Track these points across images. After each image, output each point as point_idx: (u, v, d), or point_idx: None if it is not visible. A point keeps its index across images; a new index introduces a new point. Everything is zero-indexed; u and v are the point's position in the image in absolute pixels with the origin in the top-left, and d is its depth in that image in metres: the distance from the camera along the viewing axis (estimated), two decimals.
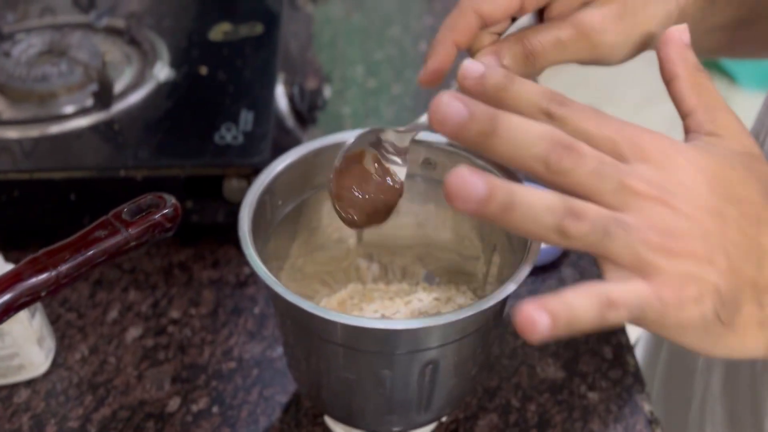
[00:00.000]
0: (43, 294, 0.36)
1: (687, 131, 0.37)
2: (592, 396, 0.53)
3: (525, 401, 0.53)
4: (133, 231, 0.39)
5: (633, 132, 0.34)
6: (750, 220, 0.34)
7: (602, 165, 0.32)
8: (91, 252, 0.37)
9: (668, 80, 0.38)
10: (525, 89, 0.34)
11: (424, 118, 0.43)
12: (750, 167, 0.35)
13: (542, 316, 0.30)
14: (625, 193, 0.32)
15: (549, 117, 0.33)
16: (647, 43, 0.45)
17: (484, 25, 0.43)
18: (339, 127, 0.77)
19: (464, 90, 0.35)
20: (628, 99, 2.30)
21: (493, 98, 0.34)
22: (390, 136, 0.44)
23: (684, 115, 0.37)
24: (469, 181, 0.30)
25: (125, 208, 0.39)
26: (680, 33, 0.39)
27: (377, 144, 0.44)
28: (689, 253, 0.32)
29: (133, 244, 0.38)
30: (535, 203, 0.31)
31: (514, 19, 0.45)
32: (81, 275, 0.37)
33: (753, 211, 0.34)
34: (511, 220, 0.31)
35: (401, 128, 0.44)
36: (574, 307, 0.30)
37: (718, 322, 0.32)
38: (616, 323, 0.31)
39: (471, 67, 0.35)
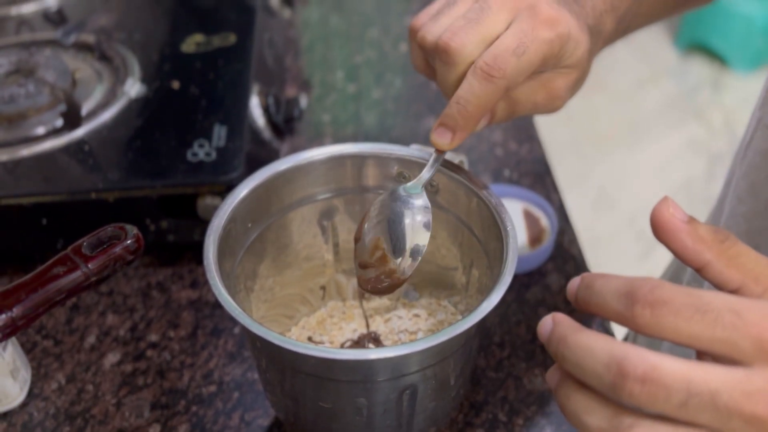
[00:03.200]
0: None
1: None
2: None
3: (512, 415, 0.52)
4: (93, 266, 0.37)
5: (754, 323, 0.27)
6: None
7: (693, 397, 0.26)
8: (48, 291, 0.36)
9: (700, 269, 0.33)
10: (606, 290, 0.30)
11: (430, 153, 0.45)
12: None
13: None
14: (730, 420, 0.26)
15: (635, 321, 0.29)
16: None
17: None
18: (319, 135, 0.75)
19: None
20: (620, 85, 2.29)
21: (581, 307, 0.31)
22: (401, 192, 0.45)
23: (733, 291, 0.32)
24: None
25: (84, 242, 0.38)
26: (673, 214, 0.33)
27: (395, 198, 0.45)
28: None
29: (93, 279, 0.37)
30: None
31: None
32: (40, 315, 0.36)
33: None
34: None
35: (410, 183, 0.45)
36: None
37: None
38: None
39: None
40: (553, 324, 0.30)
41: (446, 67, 0.43)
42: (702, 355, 0.29)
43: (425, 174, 0.44)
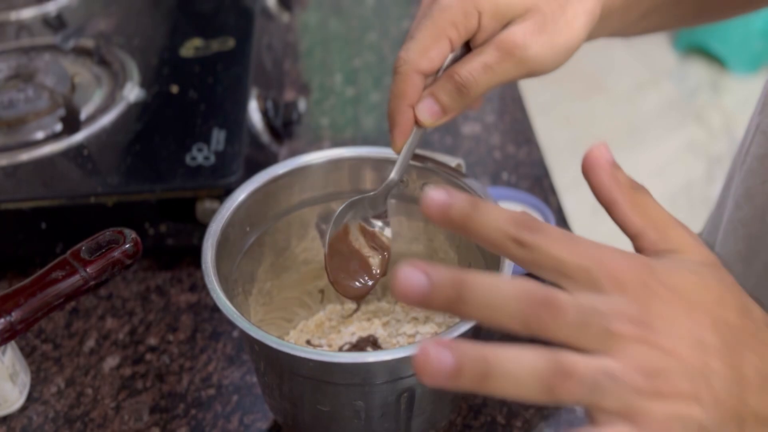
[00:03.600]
0: None
1: (640, 251, 0.36)
2: (579, 410, 0.52)
3: (511, 417, 0.52)
4: (91, 270, 0.38)
5: (609, 259, 0.32)
6: (730, 346, 0.32)
7: (582, 315, 0.30)
8: (47, 295, 0.36)
9: (607, 206, 0.37)
10: (492, 217, 0.32)
11: (393, 175, 0.45)
12: (721, 279, 0.34)
13: None
14: (609, 338, 0.30)
15: (519, 245, 0.32)
16: (575, 46, 0.46)
17: (426, 77, 0.45)
18: (318, 139, 0.75)
19: (429, 219, 0.32)
20: (619, 87, 2.29)
21: (460, 228, 0.32)
22: (366, 203, 0.45)
23: (632, 238, 0.36)
24: (435, 355, 0.28)
25: (83, 247, 0.38)
26: (601, 154, 0.36)
27: (357, 212, 0.45)
28: (675, 393, 0.31)
29: (92, 283, 0.37)
30: (516, 370, 0.29)
31: None
32: (38, 319, 0.36)
33: (731, 336, 0.33)
34: (489, 389, 0.29)
35: (372, 192, 0.45)
36: None
37: None
38: None
39: (434, 197, 0.32)
40: (432, 274, 0.30)
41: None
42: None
43: (401, 162, 0.45)
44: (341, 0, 0.96)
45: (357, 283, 0.46)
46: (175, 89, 0.66)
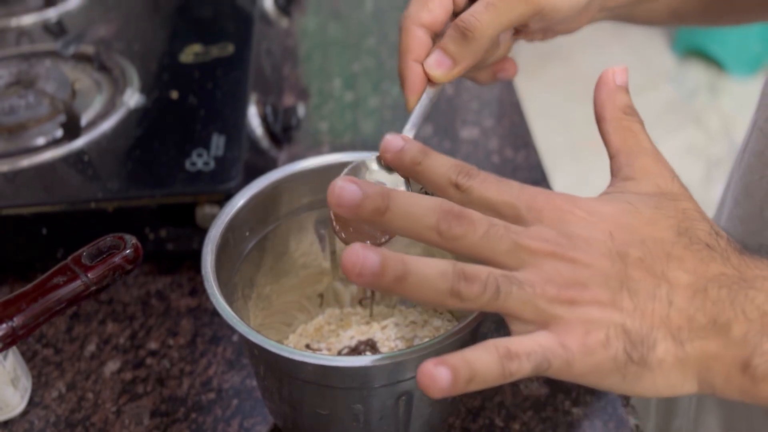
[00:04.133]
0: None
1: (611, 173, 0.38)
2: (577, 411, 0.53)
3: (509, 420, 0.52)
4: (92, 275, 0.38)
5: (531, 195, 0.35)
6: (656, 257, 0.33)
7: (492, 228, 0.33)
8: (48, 301, 0.36)
9: (597, 121, 0.39)
10: (438, 163, 0.36)
11: (404, 132, 0.45)
12: (660, 207, 0.35)
13: (442, 372, 0.31)
14: (520, 252, 0.33)
15: (457, 188, 0.35)
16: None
17: (434, 33, 0.45)
18: (317, 144, 0.76)
19: (386, 162, 0.38)
20: None
21: (410, 171, 0.37)
22: (374, 164, 0.44)
23: (609, 157, 0.39)
24: (363, 255, 0.31)
25: (84, 252, 0.39)
26: (615, 74, 0.39)
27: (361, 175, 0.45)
28: (591, 300, 0.32)
29: (93, 289, 0.38)
30: (428, 271, 0.32)
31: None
32: (40, 325, 0.36)
33: (659, 249, 0.34)
34: (406, 289, 0.32)
35: (374, 154, 0.44)
36: (474, 361, 0.31)
37: (631, 362, 0.33)
38: (523, 375, 0.32)
39: (391, 141, 0.38)
40: (360, 186, 0.34)
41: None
42: None
43: (413, 120, 0.44)
44: (340, 5, 0.96)
45: (367, 241, 0.45)
46: (174, 95, 0.67)
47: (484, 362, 0.31)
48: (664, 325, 0.33)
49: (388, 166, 0.43)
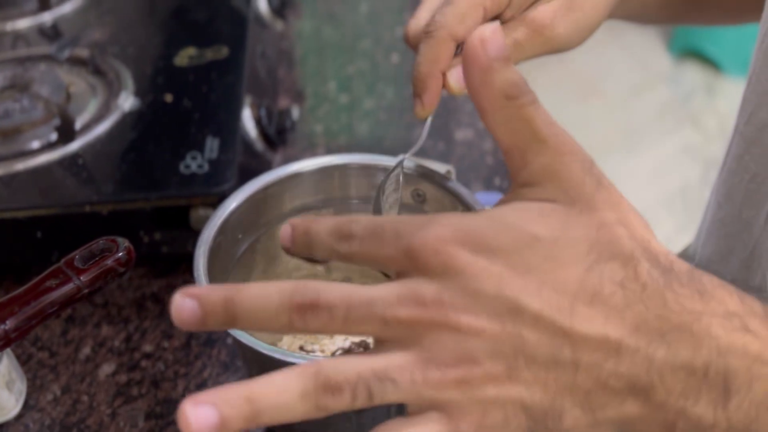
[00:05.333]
0: None
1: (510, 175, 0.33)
2: None
3: None
4: (85, 278, 0.38)
5: (408, 241, 0.29)
6: (557, 309, 0.28)
7: (352, 311, 0.28)
8: (41, 303, 0.36)
9: (479, 112, 0.32)
10: (320, 233, 0.32)
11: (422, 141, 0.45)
12: (567, 226, 0.29)
13: None
14: (393, 328, 0.28)
15: (340, 256, 0.32)
16: (598, 24, 0.46)
17: (460, 44, 0.44)
18: (312, 146, 0.76)
19: (288, 252, 0.33)
20: (614, 92, 2.30)
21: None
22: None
23: (504, 156, 0.32)
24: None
25: (77, 255, 0.39)
26: (484, 44, 0.30)
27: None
28: (483, 377, 0.28)
29: (85, 291, 0.38)
30: (279, 395, 0.28)
31: None
32: (32, 327, 0.36)
33: (561, 298, 0.28)
34: (261, 422, 0.28)
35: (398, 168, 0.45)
36: None
37: None
38: None
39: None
40: (201, 300, 0.30)
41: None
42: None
43: (425, 136, 0.45)
44: (335, 8, 0.97)
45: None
46: (169, 98, 0.67)
47: None
48: (570, 393, 0.28)
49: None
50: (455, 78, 0.43)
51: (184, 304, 0.30)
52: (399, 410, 0.42)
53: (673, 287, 0.29)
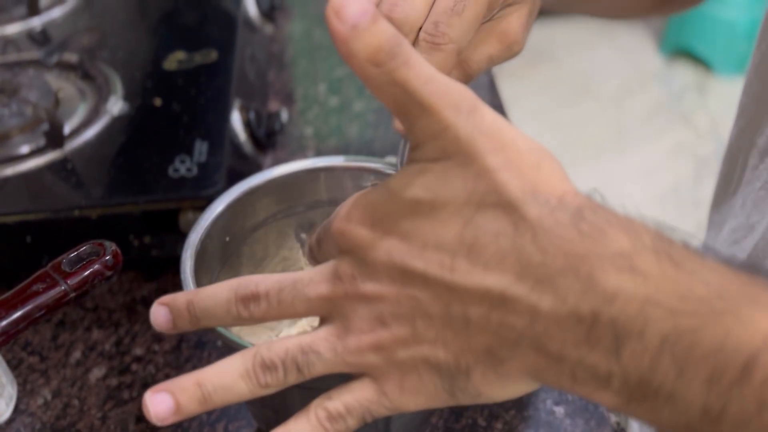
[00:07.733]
0: None
1: None
2: (559, 410, 0.53)
3: (492, 419, 0.53)
4: (72, 282, 0.38)
5: (327, 228, 0.33)
6: (439, 267, 0.29)
7: (281, 293, 0.32)
8: (28, 308, 0.37)
9: (365, 79, 0.30)
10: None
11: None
12: (446, 183, 0.29)
13: None
14: (318, 304, 0.32)
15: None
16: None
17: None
18: (302, 149, 0.76)
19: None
20: (606, 91, 2.30)
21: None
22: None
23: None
24: (151, 398, 0.34)
25: (64, 259, 0.39)
26: (341, 12, 0.29)
27: None
28: (393, 340, 0.30)
29: (72, 295, 0.38)
30: (227, 379, 0.32)
31: None
32: (20, 332, 0.36)
33: (444, 254, 0.29)
34: (209, 405, 0.33)
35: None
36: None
37: (458, 390, 0.31)
38: (352, 429, 0.32)
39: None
40: (170, 306, 0.36)
41: None
42: None
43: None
44: (325, 11, 0.97)
45: None
46: (158, 102, 0.67)
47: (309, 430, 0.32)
48: (470, 350, 0.29)
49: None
50: None
51: (158, 311, 0.36)
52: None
53: (560, 230, 0.28)
